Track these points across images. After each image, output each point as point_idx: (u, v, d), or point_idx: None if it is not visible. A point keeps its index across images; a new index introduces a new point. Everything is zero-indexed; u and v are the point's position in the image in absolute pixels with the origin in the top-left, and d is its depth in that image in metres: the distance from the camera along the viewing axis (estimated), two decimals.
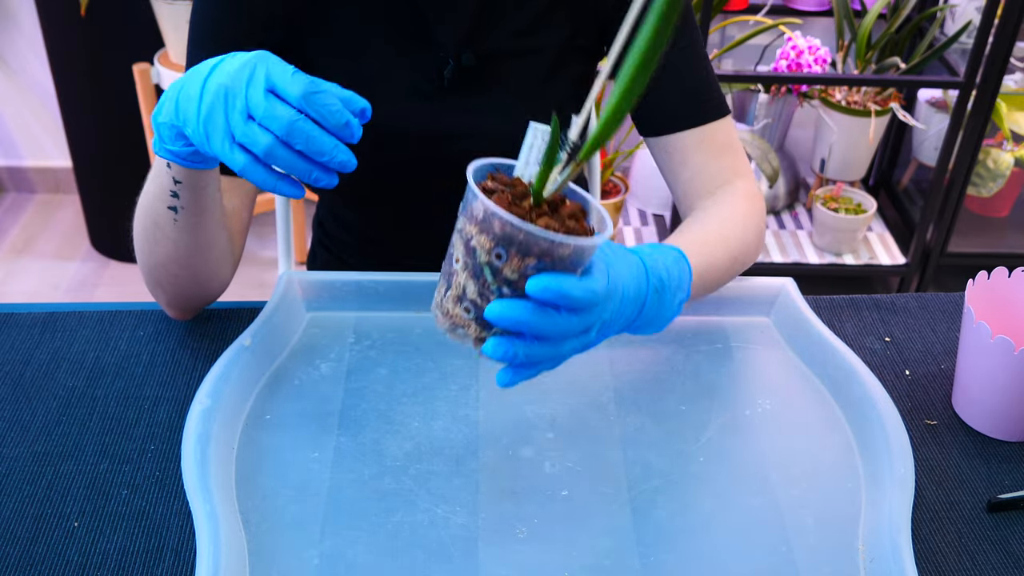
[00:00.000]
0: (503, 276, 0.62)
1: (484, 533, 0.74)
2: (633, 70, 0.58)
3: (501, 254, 0.61)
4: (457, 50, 0.95)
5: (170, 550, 0.73)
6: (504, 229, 0.61)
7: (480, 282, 0.63)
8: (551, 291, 0.61)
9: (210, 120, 0.69)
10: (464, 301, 0.64)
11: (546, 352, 0.65)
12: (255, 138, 0.67)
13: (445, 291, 0.66)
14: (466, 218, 0.63)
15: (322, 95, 0.67)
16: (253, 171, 0.69)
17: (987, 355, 0.82)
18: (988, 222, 2.48)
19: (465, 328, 0.65)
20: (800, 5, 2.42)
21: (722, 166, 0.97)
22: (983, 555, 0.75)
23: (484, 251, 0.62)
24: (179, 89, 0.72)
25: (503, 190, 0.64)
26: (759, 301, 0.98)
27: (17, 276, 2.47)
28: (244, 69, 0.68)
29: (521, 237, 0.61)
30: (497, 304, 0.62)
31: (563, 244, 0.61)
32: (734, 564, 0.73)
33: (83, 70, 2.22)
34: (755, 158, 2.09)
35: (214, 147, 0.69)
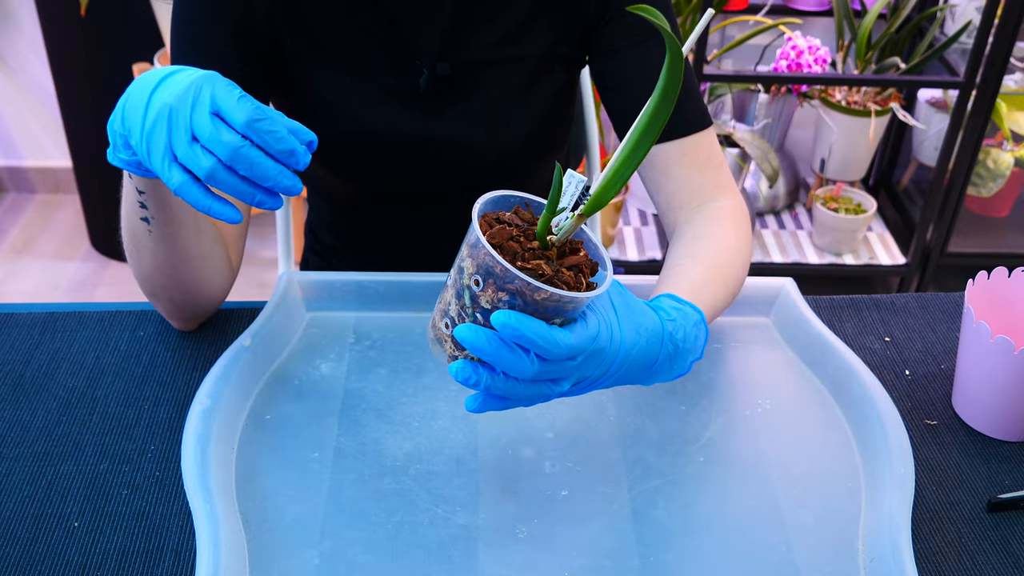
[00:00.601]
0: (478, 303, 0.63)
1: (484, 533, 0.74)
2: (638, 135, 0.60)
3: (479, 281, 0.62)
4: (432, 59, 0.94)
5: (170, 550, 0.73)
6: (486, 259, 0.61)
7: (460, 303, 0.64)
8: (510, 328, 0.60)
9: (152, 136, 0.67)
10: (446, 316, 0.65)
11: (509, 389, 0.64)
12: (197, 160, 0.66)
13: (437, 303, 0.67)
14: (466, 241, 0.64)
15: (267, 121, 0.65)
16: (188, 191, 0.68)
17: (987, 355, 0.82)
18: (988, 222, 2.48)
19: (443, 343, 0.66)
20: (800, 5, 2.42)
21: (704, 180, 0.96)
22: (983, 555, 0.75)
23: (467, 274, 0.63)
24: (126, 98, 0.70)
25: (516, 224, 0.64)
26: (759, 301, 0.98)
27: (17, 276, 2.47)
28: (191, 89, 0.66)
29: (498, 271, 0.61)
30: (465, 327, 0.62)
31: (538, 290, 0.61)
32: (734, 564, 0.73)
33: (83, 70, 2.22)
34: (755, 158, 2.09)
35: (153, 163, 0.68)
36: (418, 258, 1.09)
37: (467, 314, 0.64)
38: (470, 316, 0.64)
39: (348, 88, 0.95)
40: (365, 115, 0.96)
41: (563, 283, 0.63)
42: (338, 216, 1.12)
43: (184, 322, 0.93)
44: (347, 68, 0.95)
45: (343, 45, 0.94)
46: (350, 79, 0.95)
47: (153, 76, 0.70)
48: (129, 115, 0.69)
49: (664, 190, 0.99)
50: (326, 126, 0.97)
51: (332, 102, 0.96)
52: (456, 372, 0.64)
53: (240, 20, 0.90)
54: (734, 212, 0.95)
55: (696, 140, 0.97)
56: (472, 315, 0.63)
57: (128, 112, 0.70)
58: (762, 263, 2.28)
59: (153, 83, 0.69)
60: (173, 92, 0.67)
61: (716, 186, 0.97)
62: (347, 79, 0.95)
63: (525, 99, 0.98)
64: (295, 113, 0.99)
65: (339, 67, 0.95)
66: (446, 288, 0.66)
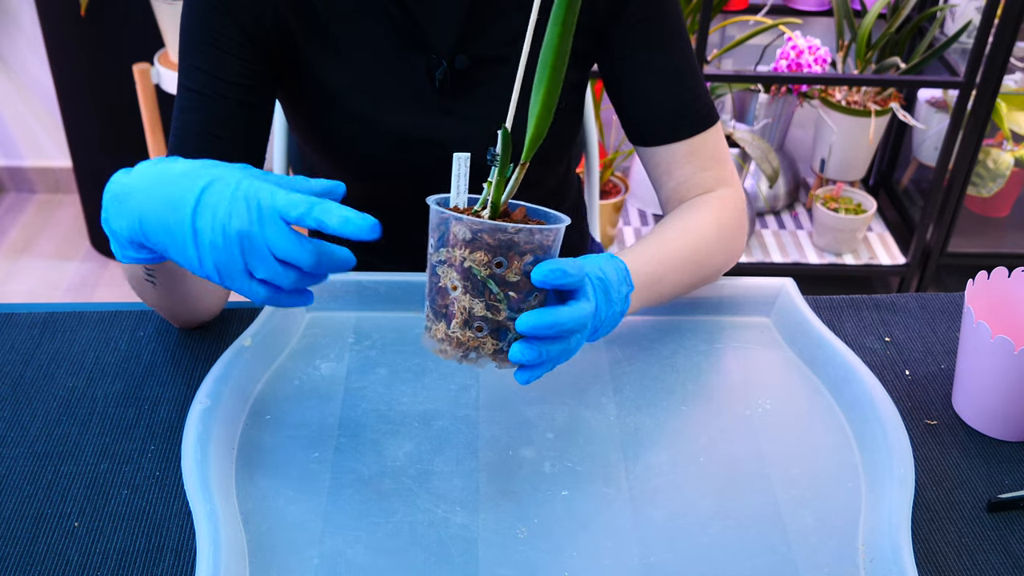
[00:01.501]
0: (507, 281, 0.66)
1: (484, 533, 0.74)
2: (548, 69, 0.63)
3: (502, 262, 0.65)
4: (450, 53, 0.94)
5: (170, 550, 0.73)
6: (498, 238, 0.64)
7: (486, 296, 0.66)
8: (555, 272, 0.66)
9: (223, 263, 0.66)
10: (474, 322, 0.67)
11: (562, 346, 0.70)
12: (284, 276, 0.66)
13: (447, 325, 0.68)
14: (449, 247, 0.66)
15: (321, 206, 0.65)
16: (274, 300, 0.68)
17: (987, 355, 0.82)
18: (988, 222, 2.48)
19: (479, 348, 0.68)
20: (800, 5, 2.42)
21: (706, 176, 0.98)
22: (983, 555, 0.75)
23: (482, 266, 0.65)
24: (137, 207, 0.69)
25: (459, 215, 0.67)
26: (759, 301, 0.98)
27: (17, 276, 2.47)
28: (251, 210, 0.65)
29: (517, 238, 0.64)
30: (528, 316, 0.67)
31: (550, 231, 0.66)
32: (734, 564, 0.73)
33: (83, 70, 2.22)
34: (755, 158, 2.09)
35: (230, 284, 0.68)
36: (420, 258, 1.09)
37: (498, 300, 0.66)
38: (503, 301, 0.66)
39: (359, 85, 0.95)
40: (376, 112, 0.96)
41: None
42: None
43: (185, 326, 0.94)
44: (359, 64, 0.94)
45: (355, 40, 0.93)
46: (363, 77, 0.95)
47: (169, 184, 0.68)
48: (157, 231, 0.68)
49: (666, 187, 1.00)
50: (337, 124, 0.97)
51: (344, 100, 0.95)
52: (521, 355, 0.68)
53: (250, 17, 0.90)
54: (721, 200, 0.97)
55: (702, 139, 0.97)
56: (505, 297, 0.66)
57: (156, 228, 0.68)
58: (762, 263, 2.28)
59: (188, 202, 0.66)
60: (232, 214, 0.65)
61: (718, 180, 0.99)
62: (360, 77, 0.95)
63: None
64: (305, 110, 0.99)
65: (351, 63, 0.94)
66: (453, 303, 0.67)
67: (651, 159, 1.00)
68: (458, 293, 0.66)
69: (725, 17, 2.36)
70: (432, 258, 0.68)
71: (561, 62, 0.63)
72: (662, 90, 0.96)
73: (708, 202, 0.97)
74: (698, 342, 0.94)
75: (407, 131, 0.97)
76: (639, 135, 1.00)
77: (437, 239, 0.67)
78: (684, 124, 0.97)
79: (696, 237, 0.93)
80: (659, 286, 0.88)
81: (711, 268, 0.94)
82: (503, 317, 0.67)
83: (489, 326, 0.67)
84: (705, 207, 0.96)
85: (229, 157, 0.92)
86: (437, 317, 0.69)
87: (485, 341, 0.68)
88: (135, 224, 0.70)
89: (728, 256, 0.96)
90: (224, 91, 0.90)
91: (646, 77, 0.96)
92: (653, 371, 0.91)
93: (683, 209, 0.97)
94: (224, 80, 0.90)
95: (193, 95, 0.90)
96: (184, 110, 0.91)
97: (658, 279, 0.88)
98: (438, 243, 0.67)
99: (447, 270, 0.67)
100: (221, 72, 0.89)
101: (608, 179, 2.34)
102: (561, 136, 1.04)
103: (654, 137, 0.98)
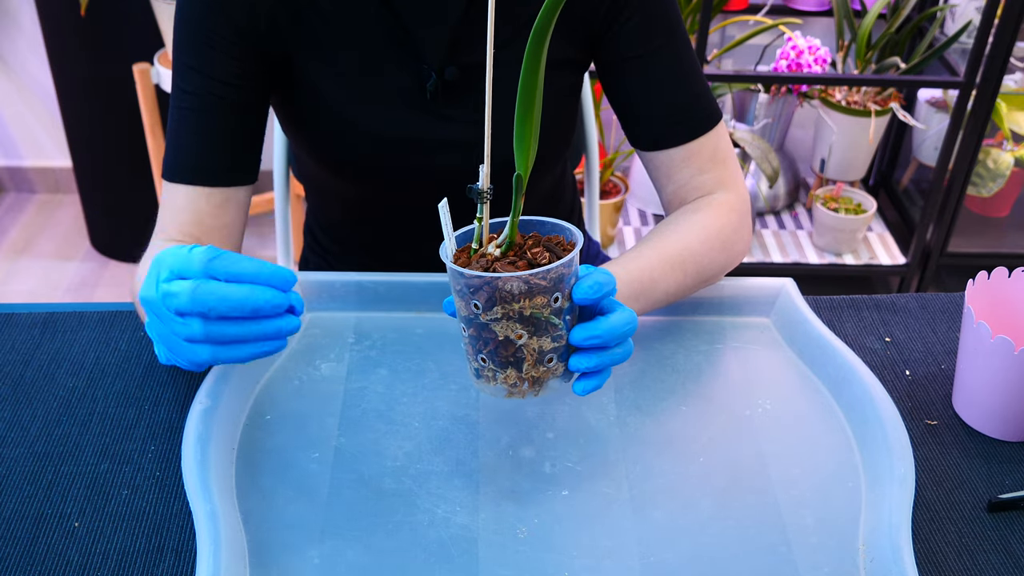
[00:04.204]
0: (562, 311, 0.69)
1: (484, 533, 0.74)
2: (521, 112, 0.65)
3: (558, 296, 0.68)
4: (440, 63, 0.94)
5: (170, 550, 0.73)
6: (551, 277, 0.67)
7: (552, 331, 0.69)
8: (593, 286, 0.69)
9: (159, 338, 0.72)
10: (546, 355, 0.70)
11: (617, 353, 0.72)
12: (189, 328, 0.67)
13: (518, 370, 0.70)
14: (504, 303, 0.67)
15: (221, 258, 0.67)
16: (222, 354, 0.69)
17: (987, 355, 0.82)
18: (988, 222, 2.48)
19: (553, 375, 0.71)
20: (800, 5, 2.42)
21: (706, 179, 0.98)
22: (983, 555, 0.75)
23: (544, 307, 0.67)
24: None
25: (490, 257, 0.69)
26: (759, 301, 0.98)
27: (17, 276, 2.47)
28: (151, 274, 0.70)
29: (563, 272, 0.67)
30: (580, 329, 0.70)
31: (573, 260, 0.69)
32: (734, 564, 0.73)
33: (83, 70, 2.22)
34: (755, 158, 2.09)
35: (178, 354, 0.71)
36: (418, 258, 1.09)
37: (561, 330, 0.69)
38: (564, 328, 0.70)
39: (352, 90, 0.95)
40: (368, 117, 0.96)
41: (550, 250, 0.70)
42: (338, 217, 1.12)
43: None
44: (351, 70, 0.94)
45: (348, 47, 0.93)
46: (354, 81, 0.95)
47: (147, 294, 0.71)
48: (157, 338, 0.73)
49: (666, 190, 1.00)
50: (328, 127, 0.97)
51: (335, 104, 0.95)
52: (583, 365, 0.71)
53: (243, 20, 0.90)
54: (719, 204, 0.97)
55: (701, 142, 0.97)
56: (565, 325, 0.70)
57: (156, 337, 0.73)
58: (762, 263, 2.28)
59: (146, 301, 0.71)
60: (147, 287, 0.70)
61: (718, 182, 0.98)
62: (351, 81, 0.95)
63: None
64: (297, 115, 0.99)
65: (343, 69, 0.94)
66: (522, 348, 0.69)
67: (651, 162, 1.00)
68: (525, 340, 0.68)
69: (725, 17, 2.36)
70: (481, 318, 0.68)
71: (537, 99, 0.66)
72: (661, 92, 0.96)
73: (706, 205, 0.96)
74: (698, 342, 0.94)
75: (397, 137, 0.97)
76: (638, 139, 0.99)
77: (485, 301, 0.67)
78: (683, 127, 0.96)
79: (689, 242, 0.92)
80: (653, 293, 0.88)
81: (710, 271, 0.94)
82: (566, 341, 0.71)
83: (558, 354, 0.70)
84: (702, 210, 0.95)
85: (224, 157, 0.92)
86: (503, 367, 0.70)
87: (557, 367, 0.71)
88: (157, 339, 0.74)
89: (729, 258, 0.96)
90: (218, 91, 0.90)
91: (645, 79, 0.96)
92: (653, 371, 0.91)
93: (679, 213, 0.97)
94: (218, 80, 0.90)
95: (187, 95, 0.90)
96: (179, 110, 0.91)
97: (644, 290, 0.87)
98: (487, 304, 0.67)
99: (507, 324, 0.68)
100: (215, 72, 0.89)
101: (608, 179, 2.34)
102: (557, 140, 1.04)
103: (652, 142, 0.98)
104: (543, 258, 0.69)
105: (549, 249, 0.70)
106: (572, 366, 0.71)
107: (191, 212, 0.91)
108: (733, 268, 0.97)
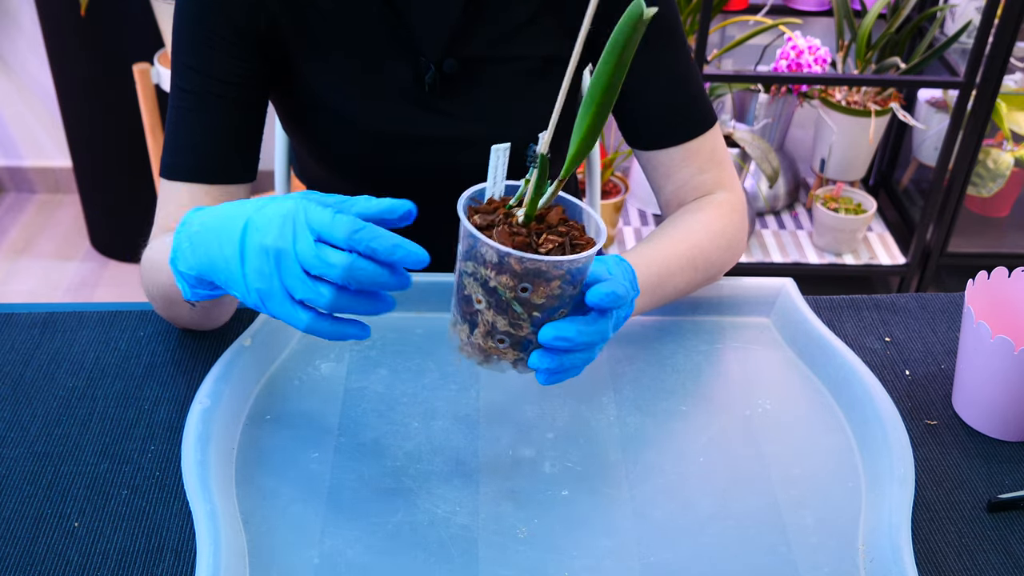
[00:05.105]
0: (531, 303, 0.66)
1: (484, 533, 0.74)
2: (601, 93, 0.61)
3: (527, 287, 0.65)
4: (439, 56, 0.94)
5: (170, 550, 0.73)
6: (525, 266, 0.64)
7: (510, 315, 0.66)
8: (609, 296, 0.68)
9: (263, 283, 0.66)
10: (496, 334, 0.68)
11: (583, 356, 0.70)
12: (318, 296, 0.65)
13: (471, 330, 0.69)
14: (476, 262, 0.65)
15: (366, 229, 0.64)
16: (318, 327, 0.66)
17: (987, 355, 0.82)
18: (988, 222, 2.48)
19: (500, 356, 0.69)
20: (800, 5, 2.42)
21: (705, 179, 0.99)
22: (983, 555, 0.75)
23: (507, 289, 0.65)
24: (204, 243, 0.69)
25: (492, 218, 0.67)
26: (759, 301, 0.98)
27: (17, 276, 2.47)
28: (287, 224, 0.65)
29: (543, 268, 0.64)
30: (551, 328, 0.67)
31: (579, 259, 0.65)
32: (734, 564, 0.73)
33: (83, 70, 2.22)
34: (755, 158, 2.09)
35: (272, 309, 0.67)
36: None
37: (522, 319, 0.66)
38: (526, 320, 0.67)
39: (351, 86, 0.95)
40: (368, 114, 0.96)
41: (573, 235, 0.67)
42: None
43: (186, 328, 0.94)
44: (351, 67, 0.94)
45: (348, 44, 0.93)
46: (354, 77, 0.95)
47: (236, 217, 0.67)
48: (217, 261, 0.68)
49: (665, 190, 1.01)
50: (328, 125, 0.97)
51: (335, 100, 0.95)
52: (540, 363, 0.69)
53: (242, 17, 0.90)
54: (720, 204, 0.97)
55: (700, 142, 0.97)
56: (528, 317, 0.66)
57: (215, 258, 0.68)
58: (762, 263, 2.28)
59: (240, 226, 0.67)
60: (269, 231, 0.65)
61: (717, 182, 0.99)
62: (351, 77, 0.95)
63: (530, 97, 0.98)
64: (298, 111, 0.99)
65: (343, 65, 0.94)
66: (479, 314, 0.67)
67: (649, 162, 1.00)
68: (483, 307, 0.67)
69: (725, 17, 2.36)
70: (459, 264, 0.67)
71: (615, 90, 0.62)
72: (660, 92, 0.96)
73: (709, 204, 0.97)
74: (698, 342, 0.94)
75: (396, 132, 0.97)
76: (637, 139, 0.99)
77: (466, 249, 0.65)
78: (682, 127, 0.97)
79: (699, 239, 0.93)
80: (662, 289, 0.89)
81: (714, 269, 0.95)
82: (525, 333, 0.68)
83: (511, 340, 0.68)
84: (707, 209, 0.96)
85: (228, 155, 0.92)
86: (462, 319, 0.69)
87: (507, 352, 0.69)
88: (198, 256, 0.70)
89: (730, 257, 0.97)
90: (217, 90, 0.90)
91: (644, 79, 0.96)
92: (653, 371, 0.91)
93: (685, 211, 0.97)
94: (217, 79, 0.90)
95: (186, 94, 0.90)
96: (177, 109, 0.91)
97: (661, 283, 0.88)
98: (465, 254, 0.65)
99: (473, 283, 0.66)
100: (214, 71, 0.89)
101: (608, 179, 2.34)
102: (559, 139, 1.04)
103: (652, 141, 0.98)
104: (549, 245, 0.65)
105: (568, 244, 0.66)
106: (531, 363, 0.69)
107: None
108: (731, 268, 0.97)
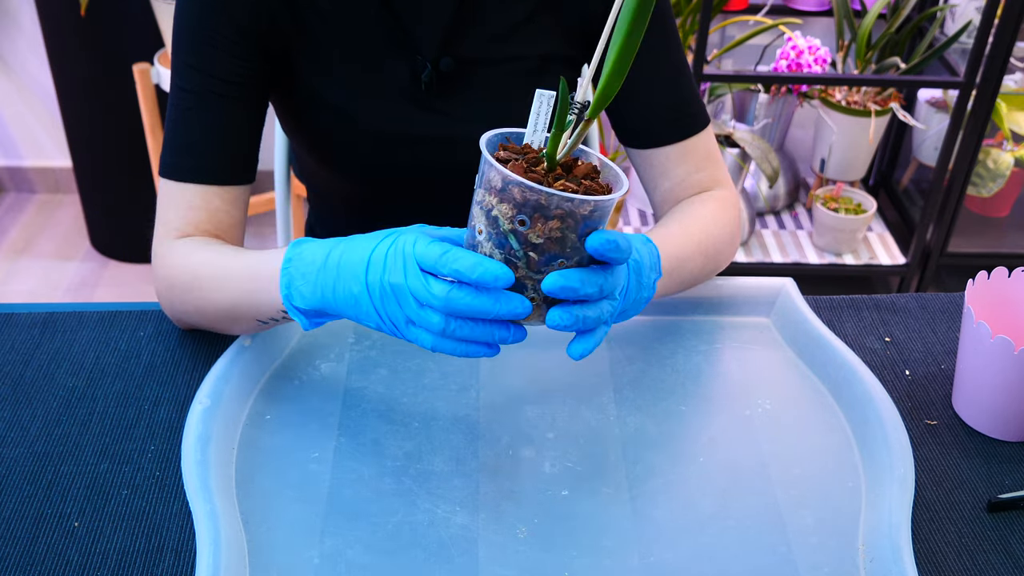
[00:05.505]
0: (529, 242, 0.64)
1: (484, 533, 0.74)
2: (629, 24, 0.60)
3: (524, 220, 0.63)
4: (436, 55, 0.94)
5: (170, 550, 0.73)
6: (525, 195, 0.62)
7: (506, 250, 0.64)
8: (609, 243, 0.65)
9: (390, 314, 0.71)
10: None
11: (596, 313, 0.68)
12: (430, 322, 0.68)
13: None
14: (484, 189, 0.64)
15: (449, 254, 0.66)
16: (443, 346, 0.69)
17: (987, 355, 0.82)
18: (988, 222, 2.48)
19: None
20: (800, 5, 2.42)
21: (702, 177, 0.99)
22: (983, 555, 0.75)
23: (506, 219, 0.63)
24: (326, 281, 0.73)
25: (517, 158, 0.65)
26: (759, 301, 0.98)
27: (17, 276, 2.47)
28: (397, 260, 0.69)
29: (543, 201, 0.62)
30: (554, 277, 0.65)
31: (584, 203, 0.63)
32: (734, 564, 0.73)
33: (83, 70, 2.22)
34: (755, 158, 2.09)
35: (403, 334, 0.71)
36: None
37: (517, 257, 0.65)
38: (521, 259, 0.65)
39: (352, 85, 0.95)
40: (367, 114, 0.96)
41: (593, 192, 0.65)
42: (338, 215, 1.12)
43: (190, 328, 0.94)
44: (350, 67, 0.94)
45: (347, 42, 0.93)
46: (354, 76, 0.95)
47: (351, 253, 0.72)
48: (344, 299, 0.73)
49: (660, 188, 1.01)
50: (327, 124, 0.97)
51: (335, 99, 0.95)
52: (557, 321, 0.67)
53: (245, 16, 0.90)
54: (721, 198, 0.98)
55: (694, 141, 0.98)
56: (524, 256, 0.64)
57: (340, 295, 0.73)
58: (762, 263, 2.28)
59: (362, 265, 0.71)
60: (387, 268, 0.70)
61: (713, 180, 0.99)
62: (351, 76, 0.95)
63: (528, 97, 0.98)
64: (297, 110, 0.99)
65: (342, 66, 0.94)
66: (478, 245, 0.66)
67: (645, 161, 1.00)
68: (482, 238, 0.65)
69: (725, 17, 2.36)
70: (475, 190, 0.66)
71: (640, 26, 0.61)
72: (657, 90, 0.97)
73: (711, 198, 0.98)
74: (698, 342, 0.94)
75: (394, 132, 0.97)
76: (634, 137, 1.00)
77: (480, 176, 0.65)
78: (679, 125, 0.97)
79: (708, 227, 0.94)
80: (679, 273, 0.89)
81: (720, 258, 0.96)
82: (520, 275, 0.66)
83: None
84: (709, 202, 0.97)
85: (222, 156, 0.92)
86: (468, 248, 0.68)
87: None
88: (327, 297, 0.74)
89: (731, 251, 0.98)
90: (219, 89, 0.90)
91: (641, 78, 0.96)
92: (653, 371, 0.91)
93: (690, 203, 0.97)
94: (218, 78, 0.90)
95: (186, 94, 0.90)
96: (177, 108, 0.90)
97: (680, 266, 0.89)
98: (477, 180, 0.66)
99: (478, 211, 0.65)
100: (215, 70, 0.89)
101: None
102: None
103: (649, 139, 0.98)
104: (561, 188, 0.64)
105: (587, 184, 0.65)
106: (548, 322, 0.68)
107: (206, 211, 0.91)
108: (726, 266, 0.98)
